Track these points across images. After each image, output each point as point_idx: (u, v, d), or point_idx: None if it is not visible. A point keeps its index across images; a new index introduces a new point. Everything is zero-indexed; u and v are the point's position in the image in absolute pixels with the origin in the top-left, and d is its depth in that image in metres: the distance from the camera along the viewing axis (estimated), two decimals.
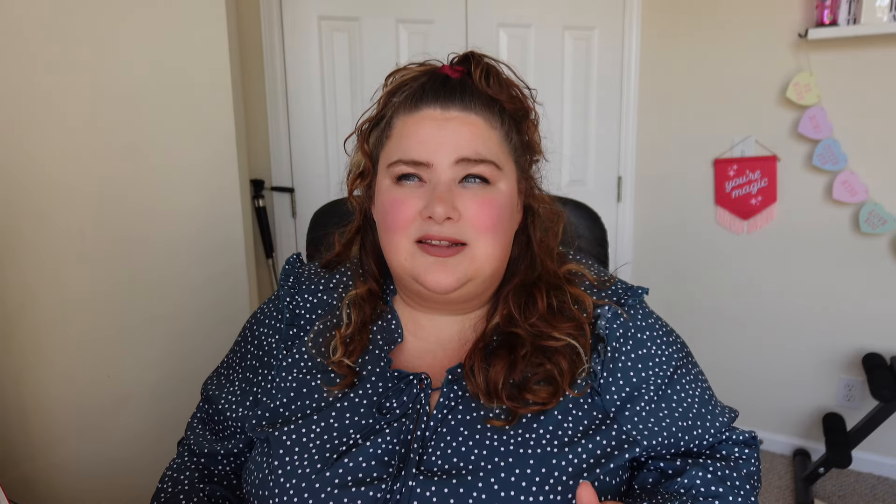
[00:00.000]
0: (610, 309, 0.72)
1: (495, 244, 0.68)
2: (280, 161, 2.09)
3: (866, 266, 2.06)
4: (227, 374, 0.82)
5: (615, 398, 0.69)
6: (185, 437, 0.83)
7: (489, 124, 0.68)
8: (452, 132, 0.66)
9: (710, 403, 0.74)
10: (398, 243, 0.68)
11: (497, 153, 0.68)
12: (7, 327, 1.38)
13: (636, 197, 2.41)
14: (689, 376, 0.74)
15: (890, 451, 2.15)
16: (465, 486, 0.61)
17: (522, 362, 0.68)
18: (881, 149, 1.97)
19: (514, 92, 0.71)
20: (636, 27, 2.25)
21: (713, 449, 0.73)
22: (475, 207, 0.66)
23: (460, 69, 0.70)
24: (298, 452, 0.66)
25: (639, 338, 0.72)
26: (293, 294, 0.79)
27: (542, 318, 0.70)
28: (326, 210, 1.13)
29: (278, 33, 2.01)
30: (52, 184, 1.40)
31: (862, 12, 1.85)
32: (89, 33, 1.40)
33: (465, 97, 0.67)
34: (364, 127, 0.74)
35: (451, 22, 2.09)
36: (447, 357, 0.73)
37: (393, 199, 0.68)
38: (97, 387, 1.51)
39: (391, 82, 0.72)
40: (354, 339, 0.73)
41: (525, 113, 0.72)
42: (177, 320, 1.60)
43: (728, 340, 2.32)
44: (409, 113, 0.69)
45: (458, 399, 0.68)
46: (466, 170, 0.66)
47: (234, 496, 0.77)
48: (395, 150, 0.68)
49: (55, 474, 1.48)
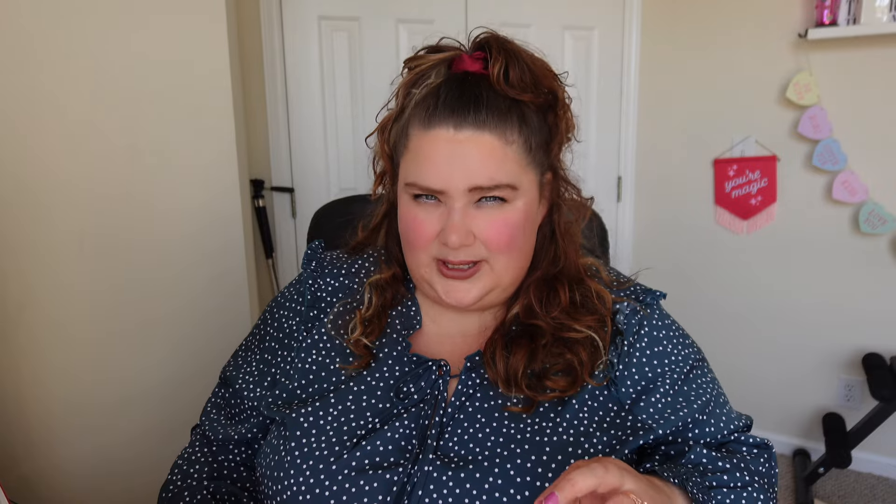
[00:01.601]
0: (628, 305, 0.73)
1: (512, 259, 0.68)
2: (280, 161, 2.09)
3: (866, 266, 2.06)
4: (244, 355, 0.82)
5: (630, 391, 0.70)
6: (200, 423, 0.83)
7: (504, 140, 0.65)
8: (465, 157, 0.64)
9: (724, 406, 0.74)
10: (418, 258, 0.69)
11: (512, 171, 0.65)
12: (7, 327, 1.38)
13: (636, 197, 2.41)
14: (706, 378, 0.74)
15: (890, 451, 2.15)
16: (481, 472, 0.62)
17: (543, 352, 0.68)
18: (881, 149, 1.97)
19: (539, 80, 0.66)
20: (636, 27, 2.25)
21: (720, 446, 0.73)
22: (490, 229, 0.66)
23: (480, 55, 0.67)
24: (316, 435, 0.66)
25: (654, 335, 0.73)
26: (315, 277, 0.80)
27: (563, 312, 0.71)
28: (327, 210, 1.13)
29: (278, 33, 2.01)
30: (52, 184, 1.40)
31: (862, 12, 1.85)
32: (90, 34, 1.40)
33: (480, 111, 0.64)
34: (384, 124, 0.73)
35: (451, 22, 2.08)
36: (466, 344, 0.74)
37: (413, 217, 0.68)
38: (97, 387, 1.51)
39: (408, 71, 0.70)
40: (373, 321, 0.74)
41: (553, 100, 0.69)
42: (177, 320, 1.60)
43: (728, 340, 2.32)
44: (423, 129, 0.66)
45: (477, 386, 0.69)
46: (480, 195, 0.65)
47: (240, 491, 0.77)
48: (411, 171, 0.67)
49: (55, 474, 1.48)
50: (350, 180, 2.14)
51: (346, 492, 0.62)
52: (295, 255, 2.18)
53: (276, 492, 0.66)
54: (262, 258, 2.09)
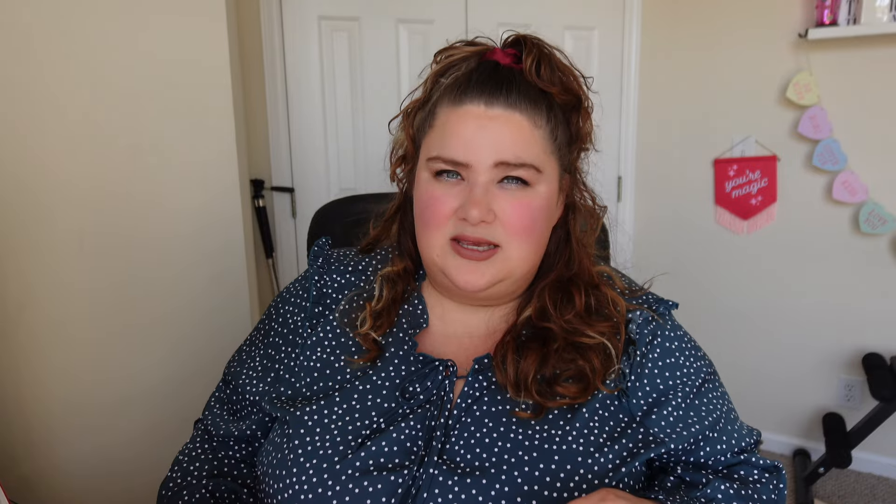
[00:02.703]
0: (642, 314, 0.71)
1: (528, 247, 0.67)
2: (280, 161, 2.09)
3: (866, 266, 2.06)
4: (249, 350, 0.82)
5: (641, 402, 0.68)
6: (203, 417, 0.83)
7: (533, 123, 0.66)
8: (494, 132, 0.64)
9: (735, 423, 0.73)
10: (433, 239, 0.67)
11: (538, 154, 0.66)
12: (7, 327, 1.38)
13: (636, 197, 2.41)
14: (717, 392, 0.73)
15: (890, 451, 2.15)
16: (488, 479, 0.61)
17: (554, 357, 0.67)
18: (881, 149, 1.97)
19: (566, 81, 0.68)
20: (636, 27, 2.25)
21: (731, 469, 0.71)
22: (510, 210, 0.65)
23: (512, 52, 0.68)
24: (320, 434, 0.65)
25: (667, 346, 0.72)
26: (321, 273, 0.79)
27: (578, 316, 0.69)
28: (327, 210, 1.13)
29: (278, 33, 2.01)
30: (52, 184, 1.40)
31: (862, 12, 1.85)
32: (90, 33, 1.40)
33: (512, 93, 0.65)
34: (409, 109, 0.73)
35: (451, 22, 2.08)
36: (473, 346, 0.73)
37: (431, 195, 0.67)
38: (97, 387, 1.51)
39: (439, 61, 0.70)
40: (383, 315, 0.73)
41: (577, 103, 0.70)
42: (177, 320, 1.60)
43: (728, 340, 2.32)
44: (452, 105, 0.66)
45: (484, 389, 0.67)
46: (505, 172, 0.65)
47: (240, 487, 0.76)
48: (436, 144, 0.67)
49: (55, 474, 1.48)
50: (350, 180, 2.14)
51: (349, 493, 0.61)
52: (295, 255, 2.18)
53: (277, 490, 0.65)
54: (263, 258, 2.10)
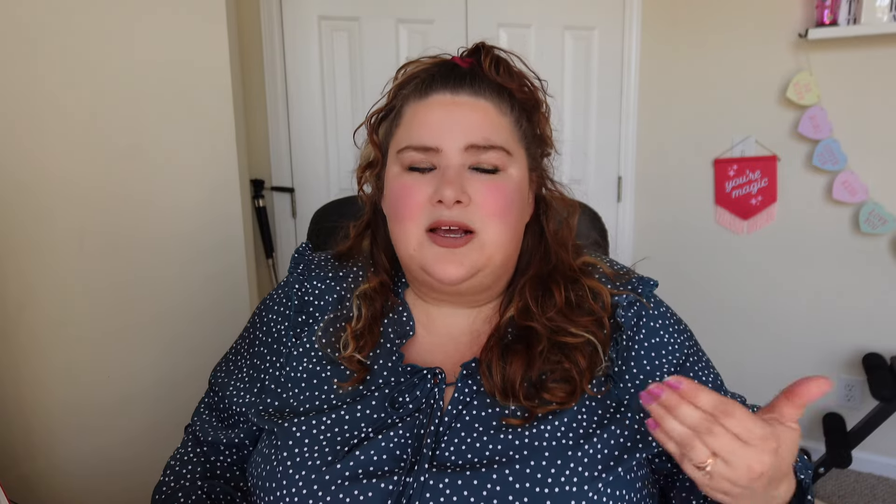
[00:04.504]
0: (627, 297, 0.72)
1: (504, 231, 0.67)
2: (280, 161, 2.09)
3: (866, 266, 2.06)
4: (234, 360, 0.82)
5: (629, 386, 0.69)
6: (192, 423, 0.83)
7: (499, 110, 0.68)
8: (462, 117, 0.66)
9: (721, 389, 0.74)
10: (408, 232, 0.67)
11: (507, 139, 0.68)
12: (7, 327, 1.38)
13: (636, 197, 2.40)
14: (701, 363, 0.74)
15: (890, 451, 2.15)
16: (479, 479, 0.61)
17: (540, 359, 0.67)
18: (881, 149, 1.97)
19: (524, 82, 0.71)
20: (636, 27, 2.25)
21: None
22: (485, 191, 0.66)
23: (470, 60, 0.70)
24: (308, 444, 0.65)
25: (651, 326, 0.72)
26: (302, 281, 0.79)
27: (559, 313, 0.69)
28: (327, 210, 1.13)
29: (278, 33, 2.01)
30: (52, 183, 1.40)
31: (862, 12, 1.85)
32: (90, 33, 1.40)
33: (475, 83, 0.68)
34: (373, 119, 0.74)
35: (451, 22, 2.08)
36: (459, 352, 0.72)
37: (402, 185, 0.67)
38: (97, 387, 1.51)
39: (402, 75, 0.72)
40: (365, 334, 0.72)
41: (536, 104, 0.72)
42: (177, 320, 1.60)
43: (728, 340, 2.31)
44: (418, 100, 0.69)
45: (473, 394, 0.67)
46: (476, 156, 0.66)
47: (234, 490, 0.76)
48: (404, 137, 0.69)
49: (55, 474, 1.48)
50: (350, 180, 2.13)
51: (339, 501, 0.61)
52: None
53: (267, 502, 0.65)
54: (263, 258, 2.10)
